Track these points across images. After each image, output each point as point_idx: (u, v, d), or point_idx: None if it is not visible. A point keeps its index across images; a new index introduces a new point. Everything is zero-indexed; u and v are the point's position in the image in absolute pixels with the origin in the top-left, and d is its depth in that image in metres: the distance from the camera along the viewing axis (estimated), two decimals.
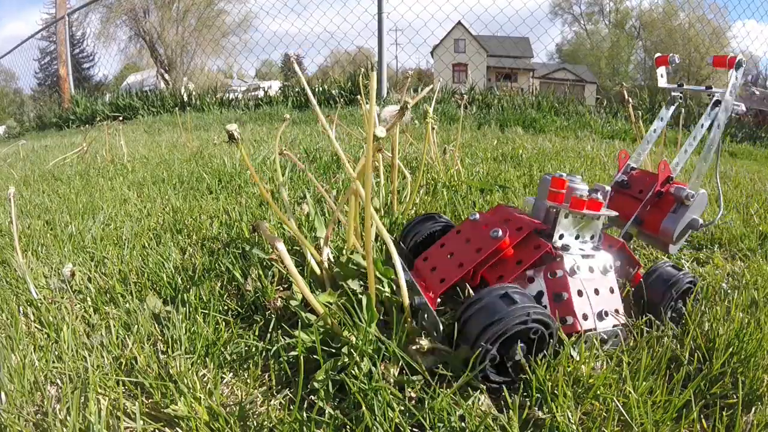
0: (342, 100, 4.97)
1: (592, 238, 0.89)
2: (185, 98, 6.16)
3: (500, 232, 0.85)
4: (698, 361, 0.77)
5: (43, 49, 11.31)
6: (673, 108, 1.13)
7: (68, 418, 0.65)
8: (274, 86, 6.88)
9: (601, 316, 0.80)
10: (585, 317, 0.79)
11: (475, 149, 2.61)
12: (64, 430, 0.62)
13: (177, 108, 5.60)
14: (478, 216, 0.94)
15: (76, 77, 7.93)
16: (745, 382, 0.71)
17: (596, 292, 0.82)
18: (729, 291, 1.02)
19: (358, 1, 5.68)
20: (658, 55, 1.12)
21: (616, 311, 0.83)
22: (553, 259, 0.84)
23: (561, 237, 0.86)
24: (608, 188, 0.92)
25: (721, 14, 7.34)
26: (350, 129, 2.69)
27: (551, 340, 0.73)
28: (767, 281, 1.07)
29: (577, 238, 0.87)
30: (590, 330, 0.78)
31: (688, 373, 0.75)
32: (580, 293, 0.81)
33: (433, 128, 1.57)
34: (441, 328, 0.75)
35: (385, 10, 5.13)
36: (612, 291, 0.84)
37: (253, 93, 6.51)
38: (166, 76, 10.28)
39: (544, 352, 0.73)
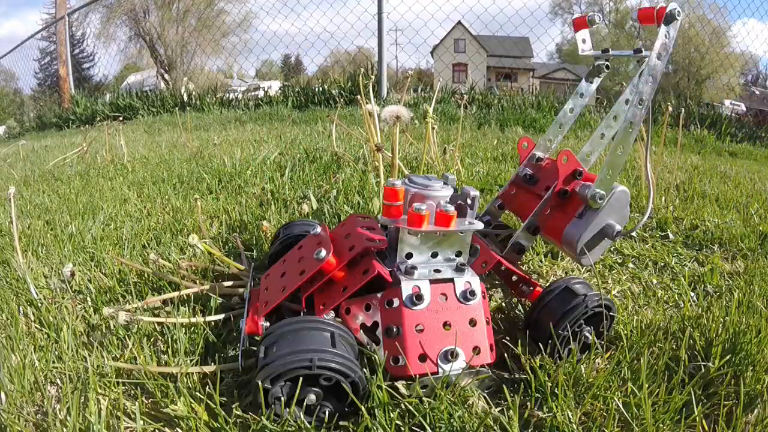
0: (342, 100, 4.96)
1: (458, 255, 0.74)
2: (185, 98, 6.16)
3: (323, 253, 0.73)
4: (698, 361, 0.77)
5: (43, 49, 11.28)
6: (598, 80, 0.94)
7: (68, 418, 0.65)
8: (274, 86, 6.88)
9: (446, 356, 0.67)
10: (422, 358, 0.66)
11: (475, 149, 2.61)
12: (64, 430, 0.62)
13: (177, 108, 5.59)
14: (318, 230, 0.81)
15: (76, 77, 7.92)
16: (745, 382, 0.71)
17: (446, 325, 0.68)
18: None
19: (358, 1, 5.68)
20: (576, 16, 0.91)
21: (476, 349, 0.69)
22: (393, 285, 0.71)
23: (409, 256, 0.72)
24: (476, 193, 0.76)
25: (721, 14, 7.33)
26: (350, 129, 2.69)
27: (354, 388, 0.62)
28: (766, 281, 1.07)
29: (435, 256, 0.73)
30: (427, 374, 0.66)
31: (688, 373, 0.75)
32: (419, 328, 0.67)
33: (433, 128, 1.57)
34: (240, 359, 0.70)
35: (385, 10, 5.12)
36: (473, 323, 0.69)
37: (253, 93, 6.50)
38: (166, 76, 10.28)
39: (357, 401, 0.62)
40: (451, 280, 0.71)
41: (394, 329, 0.68)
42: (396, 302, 0.69)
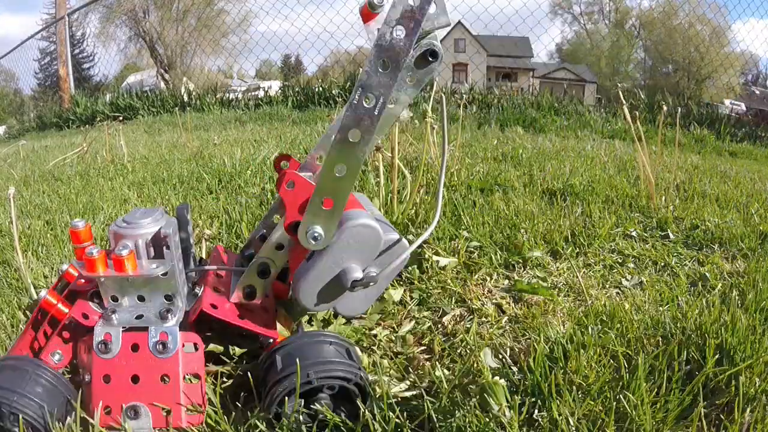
0: (342, 100, 4.97)
1: (169, 299, 0.68)
2: (185, 98, 6.16)
3: (42, 292, 0.70)
4: (696, 362, 0.77)
5: (43, 49, 11.28)
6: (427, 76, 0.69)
7: (67, 418, 0.65)
8: (274, 86, 6.88)
9: (129, 412, 0.63)
10: (107, 410, 0.63)
11: (475, 149, 2.61)
12: (64, 430, 0.62)
13: (177, 108, 5.59)
14: (65, 266, 0.76)
15: (76, 77, 7.92)
16: (743, 382, 0.71)
17: (135, 378, 0.64)
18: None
19: (358, 1, 5.68)
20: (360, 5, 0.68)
21: (166, 409, 0.63)
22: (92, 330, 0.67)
23: (114, 299, 0.68)
24: (167, 232, 0.69)
25: (720, 13, 7.33)
26: None
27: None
28: (764, 281, 1.07)
29: (142, 299, 0.68)
30: (113, 428, 0.63)
31: (687, 373, 0.75)
32: (107, 378, 0.64)
33: (432, 128, 1.57)
34: None
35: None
36: (165, 380, 0.64)
37: (253, 93, 6.50)
38: (166, 76, 10.28)
39: None
40: (146, 329, 0.66)
41: (86, 376, 0.66)
42: (90, 348, 0.66)
